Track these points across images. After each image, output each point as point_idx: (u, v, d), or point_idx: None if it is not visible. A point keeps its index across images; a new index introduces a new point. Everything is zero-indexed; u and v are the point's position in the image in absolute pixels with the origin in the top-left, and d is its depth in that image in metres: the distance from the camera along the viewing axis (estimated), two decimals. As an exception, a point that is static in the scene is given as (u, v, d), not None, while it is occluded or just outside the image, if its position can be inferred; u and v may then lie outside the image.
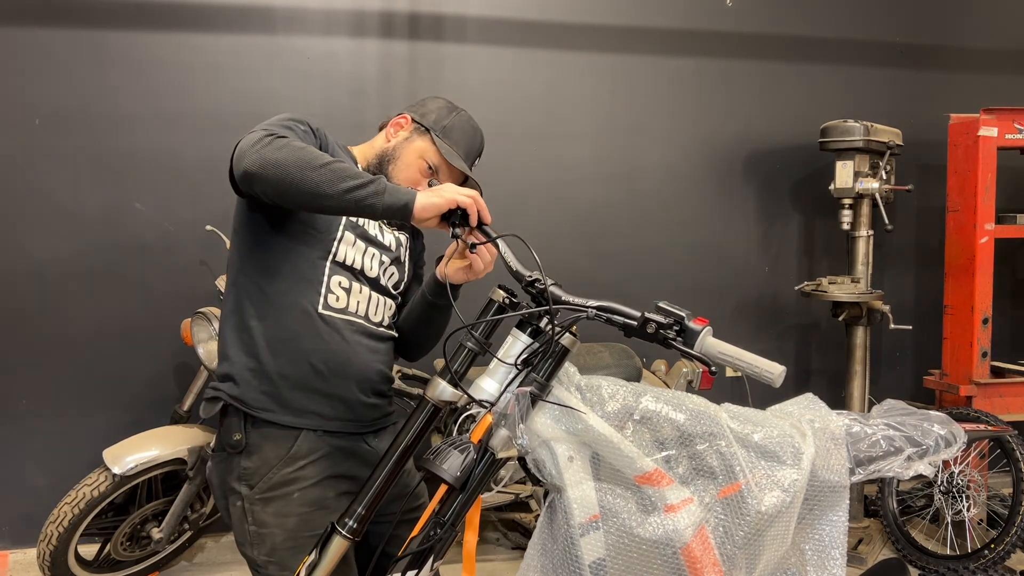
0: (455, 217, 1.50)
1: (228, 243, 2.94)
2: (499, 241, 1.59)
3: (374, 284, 1.76)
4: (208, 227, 3.16)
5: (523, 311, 1.48)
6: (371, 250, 1.75)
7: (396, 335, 1.84)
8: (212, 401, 1.66)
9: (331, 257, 1.68)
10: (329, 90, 3.39)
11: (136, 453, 2.77)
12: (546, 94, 3.63)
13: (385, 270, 1.79)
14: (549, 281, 1.48)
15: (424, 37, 3.48)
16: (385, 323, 1.79)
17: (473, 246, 1.60)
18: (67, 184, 3.19)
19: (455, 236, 1.54)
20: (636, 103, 3.73)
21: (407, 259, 1.88)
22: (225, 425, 1.65)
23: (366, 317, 1.73)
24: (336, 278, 1.69)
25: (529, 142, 3.62)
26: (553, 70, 3.62)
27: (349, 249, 1.70)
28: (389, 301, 1.80)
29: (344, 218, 1.69)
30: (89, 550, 2.90)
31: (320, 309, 1.66)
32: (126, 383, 3.30)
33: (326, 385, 1.66)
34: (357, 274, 1.72)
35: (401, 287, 1.85)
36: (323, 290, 1.67)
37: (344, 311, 1.69)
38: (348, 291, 1.70)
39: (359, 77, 3.42)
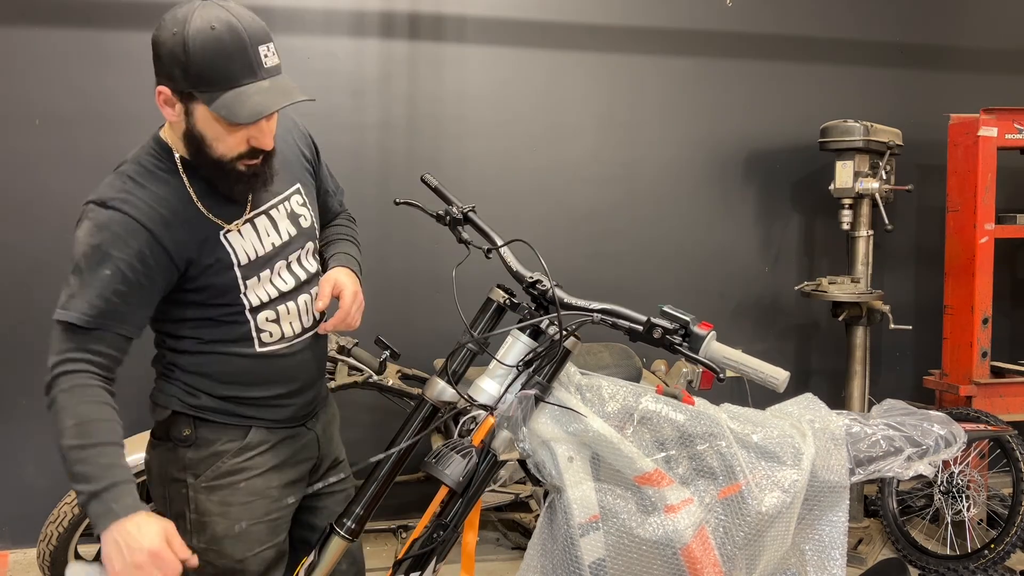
0: None
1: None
2: (498, 241, 1.59)
3: (297, 290, 1.66)
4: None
5: (532, 320, 1.48)
6: (278, 266, 1.63)
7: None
8: (161, 408, 1.65)
9: (247, 309, 1.60)
10: (329, 90, 3.39)
11: (135, 453, 2.74)
12: (546, 94, 3.62)
13: (300, 260, 1.68)
14: (554, 284, 1.48)
15: (424, 37, 3.48)
16: (318, 316, 1.72)
17: (488, 250, 1.61)
18: (67, 184, 3.19)
19: (462, 241, 1.55)
20: (636, 103, 3.73)
21: (311, 210, 1.72)
22: (174, 422, 1.63)
23: (303, 330, 1.68)
24: (261, 316, 1.61)
25: (529, 142, 3.62)
26: (553, 70, 3.62)
27: (258, 289, 1.60)
28: (314, 289, 1.70)
29: (238, 272, 1.56)
30: (89, 550, 2.90)
31: (258, 349, 1.62)
32: (126, 383, 3.29)
33: (276, 400, 1.67)
34: (278, 299, 1.64)
35: (316, 225, 1.74)
36: (254, 335, 1.61)
37: (281, 340, 1.65)
38: (277, 321, 1.64)
39: (359, 77, 3.42)
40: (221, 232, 1.54)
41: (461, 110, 3.53)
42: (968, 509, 3.19)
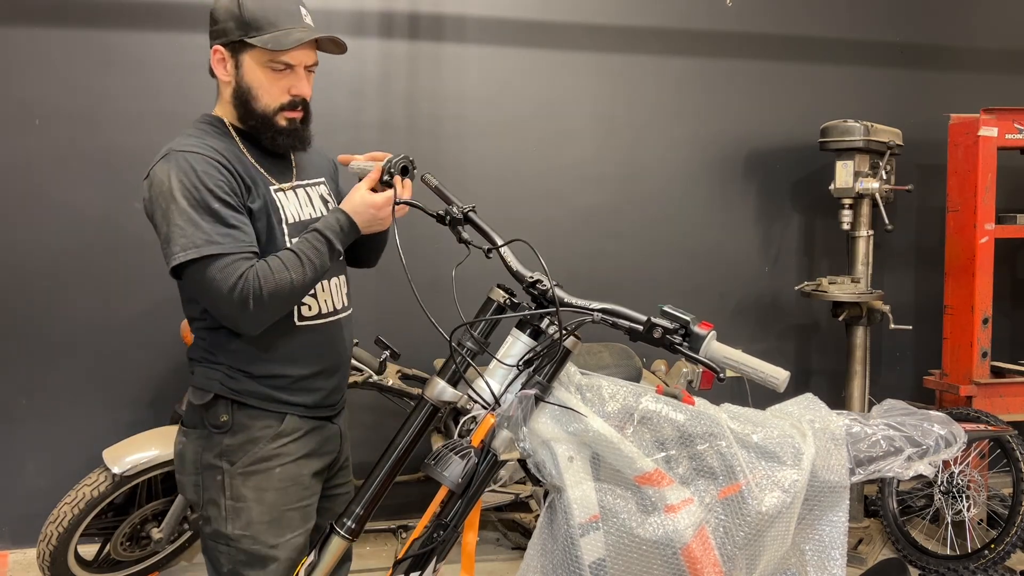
0: (406, 171, 1.68)
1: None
2: (499, 241, 1.59)
3: (327, 271, 1.75)
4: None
5: (527, 312, 1.49)
6: None
7: (351, 307, 1.89)
8: (202, 391, 1.68)
9: None
10: (329, 90, 3.39)
11: (136, 453, 2.77)
12: (546, 94, 3.62)
13: None
14: (554, 284, 1.48)
15: (424, 37, 3.48)
16: (346, 302, 1.84)
17: (489, 250, 1.62)
18: (67, 184, 3.19)
19: (462, 241, 1.57)
20: (636, 103, 3.73)
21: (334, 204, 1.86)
22: (212, 408, 1.66)
23: (333, 310, 1.78)
24: None
25: (529, 142, 3.62)
26: (553, 70, 3.62)
27: None
28: (343, 276, 1.84)
29: (286, 230, 1.68)
30: (89, 550, 2.90)
31: (297, 322, 1.71)
32: (126, 383, 3.30)
33: (310, 382, 1.73)
34: None
35: None
36: (295, 307, 1.69)
37: (318, 316, 1.74)
38: (315, 295, 1.73)
39: (359, 77, 3.42)
40: (272, 187, 1.68)
41: (461, 110, 3.53)
42: (968, 509, 3.19)
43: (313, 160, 1.86)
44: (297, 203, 1.73)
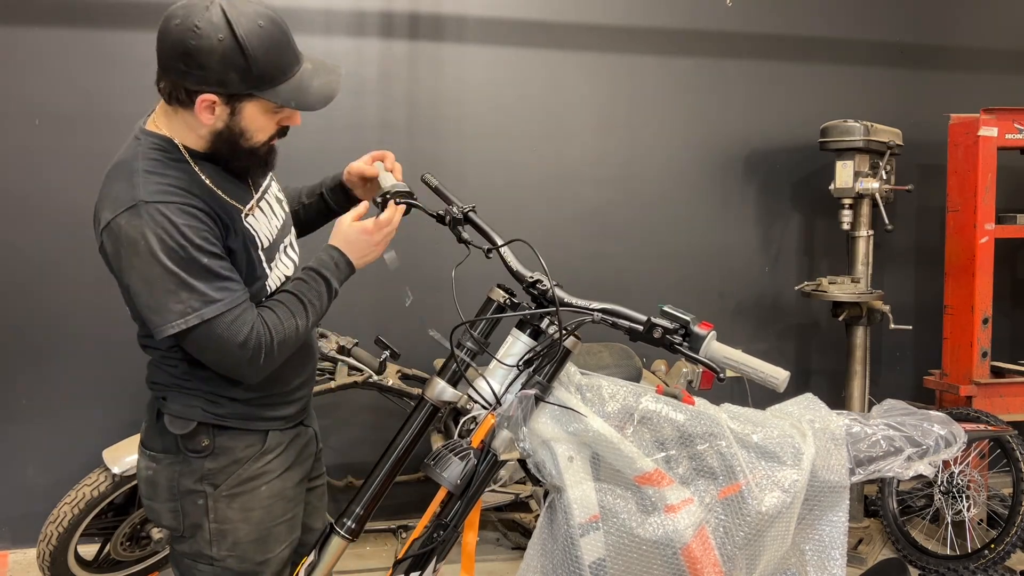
0: (399, 197, 1.64)
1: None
2: (499, 241, 1.59)
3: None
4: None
5: (526, 312, 1.49)
6: (281, 249, 1.67)
7: None
8: (183, 420, 1.57)
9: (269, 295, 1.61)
10: (329, 90, 3.39)
11: (136, 453, 2.76)
12: (546, 94, 3.62)
13: (292, 244, 1.74)
14: (554, 284, 1.49)
15: (424, 37, 3.48)
16: None
17: (489, 250, 1.62)
18: (67, 184, 3.19)
19: (462, 241, 1.55)
20: (636, 103, 3.73)
21: (286, 202, 1.80)
22: (194, 433, 1.57)
23: None
24: None
25: (529, 142, 3.62)
26: (553, 70, 3.62)
27: (275, 275, 1.63)
28: None
29: (262, 256, 1.59)
30: (89, 550, 2.90)
31: None
32: (126, 383, 3.30)
33: (293, 393, 1.69)
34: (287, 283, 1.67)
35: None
36: None
37: None
38: None
39: (359, 77, 3.42)
40: (241, 215, 1.56)
41: (461, 110, 3.53)
42: (968, 509, 3.18)
43: None
44: (265, 221, 1.63)
